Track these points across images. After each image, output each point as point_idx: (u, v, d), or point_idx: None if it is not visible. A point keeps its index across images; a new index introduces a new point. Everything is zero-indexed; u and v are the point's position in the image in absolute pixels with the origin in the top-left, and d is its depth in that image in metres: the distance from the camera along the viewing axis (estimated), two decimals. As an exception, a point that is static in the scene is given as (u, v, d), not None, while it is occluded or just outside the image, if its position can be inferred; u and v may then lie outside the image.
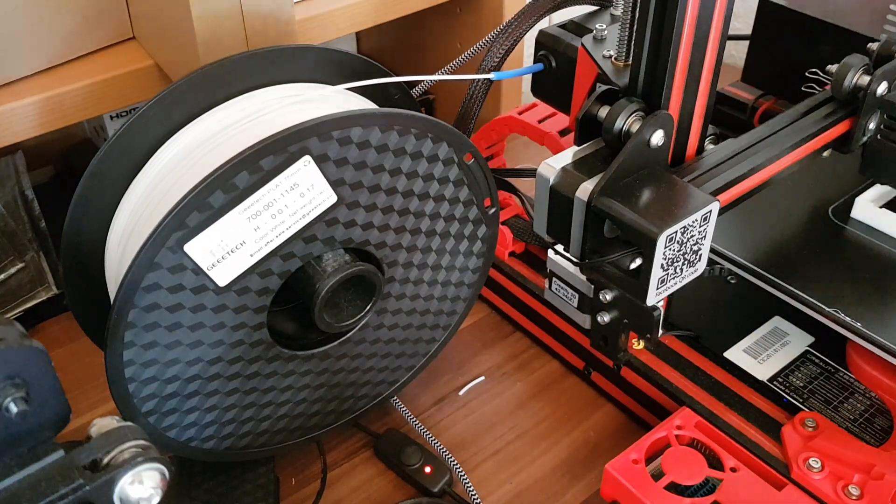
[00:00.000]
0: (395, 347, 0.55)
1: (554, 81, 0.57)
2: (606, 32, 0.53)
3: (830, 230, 0.59)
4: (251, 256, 0.44)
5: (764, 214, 0.60)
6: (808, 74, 0.64)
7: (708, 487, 0.49)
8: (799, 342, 0.58)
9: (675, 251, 0.43)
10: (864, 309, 0.52)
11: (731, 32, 0.46)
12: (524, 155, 0.83)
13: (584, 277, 0.49)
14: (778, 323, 0.59)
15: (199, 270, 0.42)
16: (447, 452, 0.56)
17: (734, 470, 0.48)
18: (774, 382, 0.55)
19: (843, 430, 0.50)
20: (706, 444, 0.50)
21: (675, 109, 0.46)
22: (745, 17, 0.77)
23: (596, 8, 0.58)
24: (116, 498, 0.32)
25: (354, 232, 0.47)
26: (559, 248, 0.50)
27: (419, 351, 0.57)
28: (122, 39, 0.62)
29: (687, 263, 0.44)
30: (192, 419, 0.48)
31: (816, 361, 0.56)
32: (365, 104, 0.53)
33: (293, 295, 0.49)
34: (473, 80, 0.59)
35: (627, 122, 0.44)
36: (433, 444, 0.56)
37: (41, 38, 0.57)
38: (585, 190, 0.44)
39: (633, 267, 0.44)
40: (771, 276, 0.54)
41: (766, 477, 0.48)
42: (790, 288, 0.53)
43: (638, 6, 0.45)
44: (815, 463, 0.48)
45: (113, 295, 0.46)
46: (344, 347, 0.52)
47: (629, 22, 0.48)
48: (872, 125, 0.55)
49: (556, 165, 0.45)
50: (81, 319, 0.52)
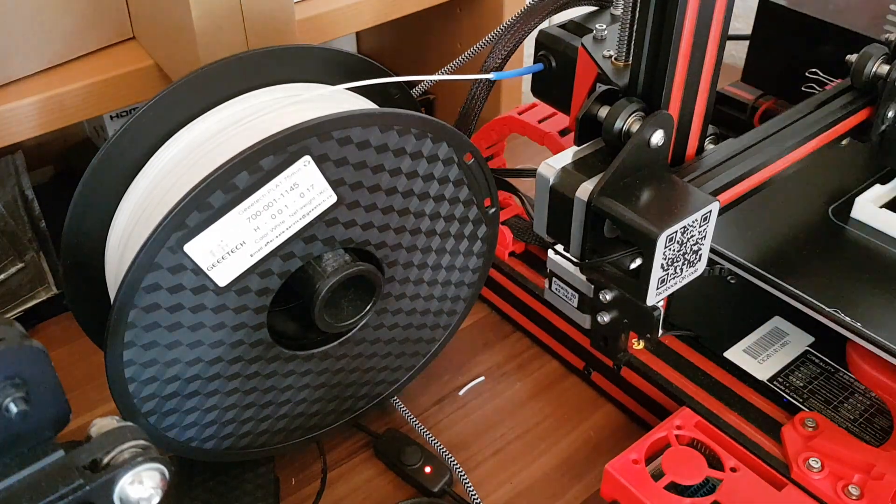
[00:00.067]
0: (395, 347, 0.55)
1: (554, 81, 0.57)
2: (606, 32, 0.53)
3: (830, 230, 0.60)
4: (251, 256, 0.44)
5: (763, 214, 0.60)
6: (808, 74, 0.64)
7: (708, 487, 0.49)
8: (799, 342, 0.58)
9: (675, 251, 0.43)
10: (863, 309, 0.52)
11: (731, 32, 0.46)
12: (524, 155, 0.82)
13: (584, 277, 0.49)
14: (778, 323, 0.59)
15: (199, 270, 0.42)
16: (447, 452, 0.56)
17: (734, 470, 0.48)
18: (774, 382, 0.55)
19: (843, 430, 0.50)
20: (706, 444, 0.50)
21: (675, 109, 0.46)
22: (745, 17, 0.77)
23: (596, 8, 0.58)
24: (116, 498, 0.32)
25: (354, 232, 0.47)
26: (559, 248, 0.50)
27: (419, 351, 0.57)
28: (122, 39, 0.62)
29: (687, 263, 0.44)
30: (192, 419, 0.48)
31: (816, 361, 0.56)
32: (365, 104, 0.53)
33: (293, 295, 0.49)
34: (474, 80, 0.59)
35: (627, 122, 0.44)
36: (433, 444, 0.56)
37: (41, 38, 0.57)
38: (585, 190, 0.44)
39: (633, 267, 0.44)
40: (771, 275, 0.54)
41: (766, 477, 0.48)
42: (790, 288, 0.53)
43: (638, 6, 0.45)
44: (815, 463, 0.48)
45: (113, 295, 0.46)
46: (344, 347, 0.52)
47: (629, 22, 0.48)
48: (892, 113, 0.55)
49: (556, 165, 0.45)
50: (81, 319, 0.52)
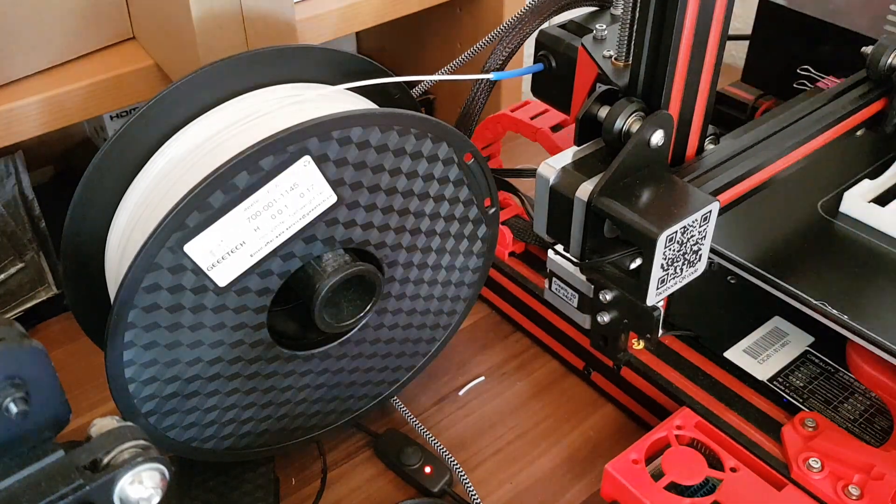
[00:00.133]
0: (395, 347, 0.55)
1: (554, 81, 0.57)
2: (606, 32, 0.53)
3: (822, 226, 0.59)
4: (251, 257, 0.44)
5: (753, 211, 0.60)
6: (799, 71, 0.64)
7: (708, 487, 0.49)
8: (799, 342, 0.58)
9: (675, 251, 0.43)
10: (860, 306, 0.52)
11: (731, 32, 0.46)
12: (524, 155, 0.83)
13: (584, 277, 0.49)
14: (778, 323, 0.59)
15: (199, 271, 0.42)
16: (447, 452, 0.56)
17: (734, 470, 0.48)
18: (774, 382, 0.55)
19: (843, 430, 0.50)
20: (706, 444, 0.50)
21: (675, 109, 0.46)
22: (745, 17, 0.77)
23: (596, 8, 0.58)
24: (116, 498, 0.32)
25: (354, 232, 0.47)
26: (559, 248, 0.50)
27: (419, 351, 0.57)
28: (122, 39, 0.62)
29: (687, 263, 0.44)
30: (192, 419, 0.48)
31: (816, 361, 0.56)
32: (365, 104, 0.53)
33: (293, 295, 0.49)
34: (474, 80, 0.59)
35: (627, 122, 0.44)
36: (433, 444, 0.56)
37: (41, 38, 0.57)
38: (585, 190, 0.44)
39: (633, 267, 0.44)
40: (765, 272, 0.54)
41: (766, 477, 0.48)
42: (784, 284, 0.53)
43: (638, 6, 0.45)
44: (815, 463, 0.48)
45: (113, 295, 0.46)
46: (344, 347, 0.52)
47: (629, 22, 0.48)
48: None
49: (556, 165, 0.45)
50: (81, 319, 0.52)
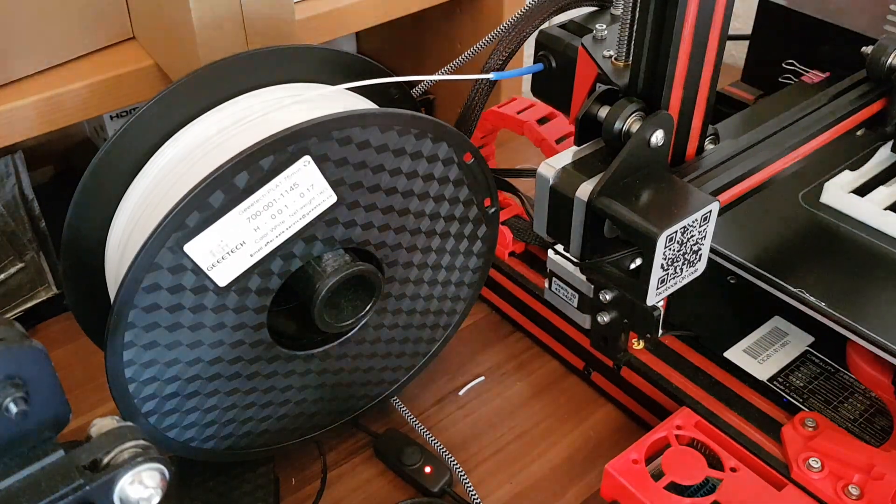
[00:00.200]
0: (395, 347, 0.55)
1: (554, 81, 0.57)
2: (606, 32, 0.53)
3: (804, 217, 0.59)
4: (251, 256, 0.44)
5: (747, 209, 0.59)
6: (784, 66, 0.64)
7: (708, 487, 0.49)
8: (799, 342, 0.58)
9: (675, 251, 0.43)
10: (859, 306, 0.52)
11: (731, 32, 0.46)
12: (524, 155, 0.83)
13: (584, 277, 0.49)
14: (778, 323, 0.59)
15: (199, 271, 0.42)
16: (447, 452, 0.56)
17: (734, 470, 0.48)
18: (774, 382, 0.55)
19: (843, 430, 0.50)
20: (706, 444, 0.50)
21: (675, 109, 0.46)
22: (745, 17, 0.77)
23: (596, 8, 0.58)
24: (116, 498, 0.32)
25: (354, 232, 0.47)
26: (559, 248, 0.50)
27: (419, 351, 0.57)
28: (122, 39, 0.62)
29: (687, 263, 0.44)
30: (192, 419, 0.48)
31: (816, 361, 0.56)
32: (365, 104, 0.53)
33: (293, 295, 0.49)
34: (474, 80, 0.59)
35: (627, 122, 0.44)
36: (433, 444, 0.56)
37: (41, 38, 0.57)
38: (585, 190, 0.44)
39: (633, 267, 0.44)
40: (765, 272, 0.54)
41: (766, 477, 0.48)
42: (784, 284, 0.53)
43: (638, 6, 0.45)
44: (815, 463, 0.48)
45: (113, 295, 0.46)
46: (344, 347, 0.52)
47: (629, 22, 0.48)
48: None
49: (556, 165, 0.45)
50: (81, 319, 0.52)
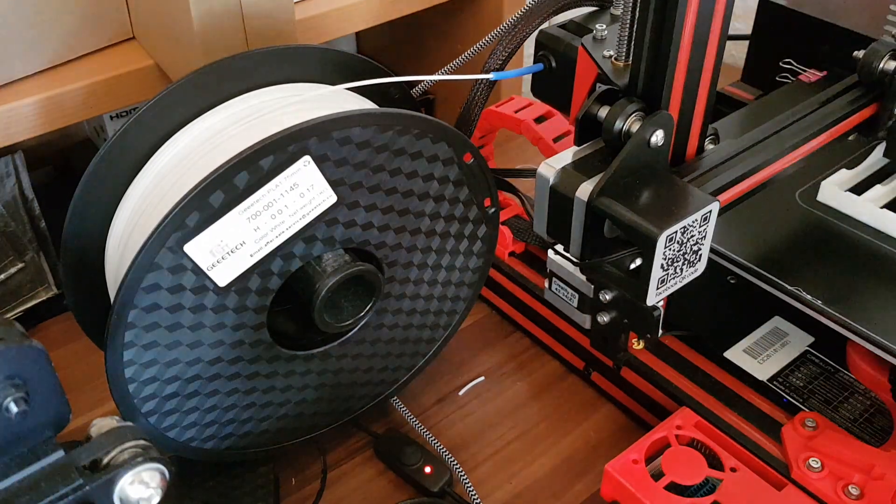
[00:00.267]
0: (395, 347, 0.55)
1: (554, 81, 0.57)
2: (606, 32, 0.53)
3: (801, 216, 0.59)
4: (251, 257, 0.44)
5: (744, 208, 0.59)
6: (781, 65, 0.64)
7: (708, 487, 0.49)
8: (799, 342, 0.58)
9: (675, 251, 0.43)
10: (859, 305, 0.52)
11: (731, 32, 0.46)
12: (524, 155, 0.83)
13: (584, 277, 0.49)
14: (778, 323, 0.59)
15: (198, 271, 0.42)
16: (447, 452, 0.56)
17: (734, 470, 0.48)
18: (774, 382, 0.55)
19: (843, 430, 0.50)
20: (706, 444, 0.50)
21: (675, 109, 0.46)
22: (745, 17, 0.77)
23: (596, 8, 0.58)
24: (116, 498, 0.32)
25: (354, 232, 0.47)
26: (559, 248, 0.50)
27: (419, 351, 0.57)
28: (122, 39, 0.62)
29: (687, 263, 0.44)
30: (192, 419, 0.48)
31: (816, 361, 0.56)
32: (365, 104, 0.53)
33: (293, 295, 0.49)
34: (474, 80, 0.59)
35: (627, 122, 0.44)
36: (433, 444, 0.56)
37: (41, 38, 0.57)
38: (585, 190, 0.44)
39: (633, 267, 0.44)
40: (765, 272, 0.54)
41: (766, 477, 0.48)
42: (784, 284, 0.53)
43: (638, 6, 0.45)
44: (815, 463, 0.48)
45: (113, 295, 0.46)
46: (344, 347, 0.52)
47: (629, 22, 0.48)
48: None
49: (556, 165, 0.45)
50: (81, 319, 0.52)
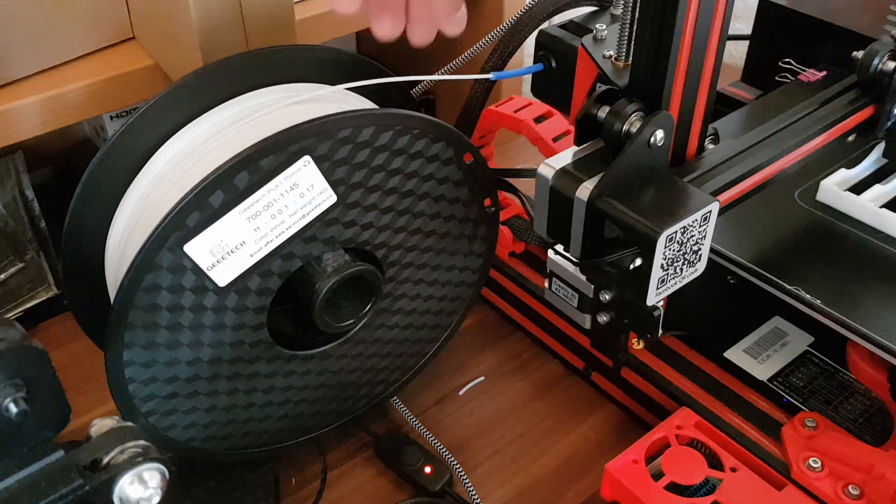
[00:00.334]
0: (395, 347, 0.55)
1: (554, 81, 0.57)
2: (606, 32, 0.53)
3: (801, 215, 0.59)
4: (251, 257, 0.44)
5: (743, 207, 0.59)
6: (781, 64, 0.63)
7: (708, 487, 0.49)
8: (799, 342, 0.58)
9: (675, 251, 0.43)
10: (859, 305, 0.52)
11: (731, 32, 0.46)
12: (524, 155, 0.83)
13: (584, 277, 0.49)
14: (778, 323, 0.59)
15: (198, 271, 0.42)
16: (447, 452, 0.56)
17: (734, 470, 0.48)
18: (774, 382, 0.55)
19: (843, 430, 0.50)
20: (706, 444, 0.50)
21: (675, 109, 0.46)
22: (745, 17, 0.77)
23: (596, 8, 0.58)
24: (116, 498, 0.32)
25: (354, 232, 0.47)
26: (559, 248, 0.50)
27: (419, 351, 0.57)
28: (122, 39, 0.62)
29: (687, 263, 0.44)
30: (192, 419, 0.48)
31: (816, 361, 0.56)
32: (364, 104, 0.53)
33: (293, 295, 0.49)
34: (474, 80, 0.59)
35: (627, 122, 0.44)
36: (433, 444, 0.56)
37: (41, 38, 0.57)
38: (585, 190, 0.44)
39: (633, 267, 0.44)
40: (755, 267, 0.54)
41: (766, 477, 0.48)
42: (784, 284, 0.53)
43: (638, 6, 0.45)
44: (815, 463, 0.48)
45: (113, 295, 0.46)
46: (344, 347, 0.52)
47: (629, 22, 0.48)
48: None
49: (555, 165, 0.45)
50: (81, 319, 0.52)
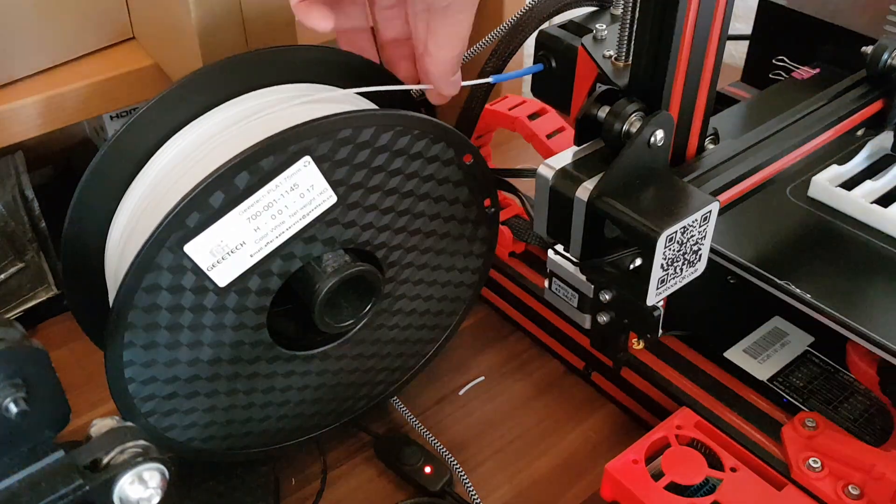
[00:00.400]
0: (395, 348, 0.55)
1: (554, 82, 0.57)
2: (606, 32, 0.53)
3: (792, 212, 0.59)
4: (251, 257, 0.44)
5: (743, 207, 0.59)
6: (775, 62, 0.63)
7: (708, 487, 0.49)
8: (799, 342, 0.58)
9: (675, 251, 0.43)
10: (859, 305, 0.52)
11: (731, 32, 0.46)
12: (524, 155, 0.82)
13: (584, 277, 0.49)
14: (778, 323, 0.59)
15: (198, 271, 0.42)
16: (447, 452, 0.56)
17: (734, 470, 0.48)
18: (774, 382, 0.55)
19: (843, 430, 0.50)
20: (706, 444, 0.50)
21: (675, 109, 0.46)
22: (745, 17, 0.77)
23: (596, 8, 0.58)
24: (116, 498, 0.32)
25: (354, 232, 0.47)
26: (559, 248, 0.50)
27: (419, 351, 0.57)
28: (122, 39, 0.62)
29: (687, 263, 0.44)
30: (192, 419, 0.48)
31: (816, 361, 0.56)
32: (365, 104, 0.53)
33: (293, 295, 0.49)
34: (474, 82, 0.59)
35: (627, 122, 0.44)
36: (433, 444, 0.56)
37: (41, 38, 0.57)
38: (585, 190, 0.44)
39: (633, 267, 0.44)
40: (765, 272, 0.54)
41: (766, 477, 0.48)
42: (783, 284, 0.53)
43: (638, 6, 0.45)
44: (815, 463, 0.48)
45: (113, 295, 0.46)
46: (344, 348, 0.52)
47: (629, 22, 0.48)
48: None
49: (555, 165, 0.45)
50: (81, 319, 0.52)
